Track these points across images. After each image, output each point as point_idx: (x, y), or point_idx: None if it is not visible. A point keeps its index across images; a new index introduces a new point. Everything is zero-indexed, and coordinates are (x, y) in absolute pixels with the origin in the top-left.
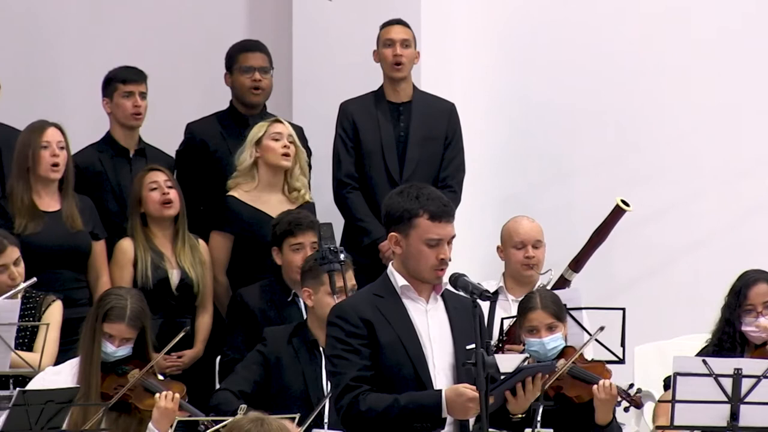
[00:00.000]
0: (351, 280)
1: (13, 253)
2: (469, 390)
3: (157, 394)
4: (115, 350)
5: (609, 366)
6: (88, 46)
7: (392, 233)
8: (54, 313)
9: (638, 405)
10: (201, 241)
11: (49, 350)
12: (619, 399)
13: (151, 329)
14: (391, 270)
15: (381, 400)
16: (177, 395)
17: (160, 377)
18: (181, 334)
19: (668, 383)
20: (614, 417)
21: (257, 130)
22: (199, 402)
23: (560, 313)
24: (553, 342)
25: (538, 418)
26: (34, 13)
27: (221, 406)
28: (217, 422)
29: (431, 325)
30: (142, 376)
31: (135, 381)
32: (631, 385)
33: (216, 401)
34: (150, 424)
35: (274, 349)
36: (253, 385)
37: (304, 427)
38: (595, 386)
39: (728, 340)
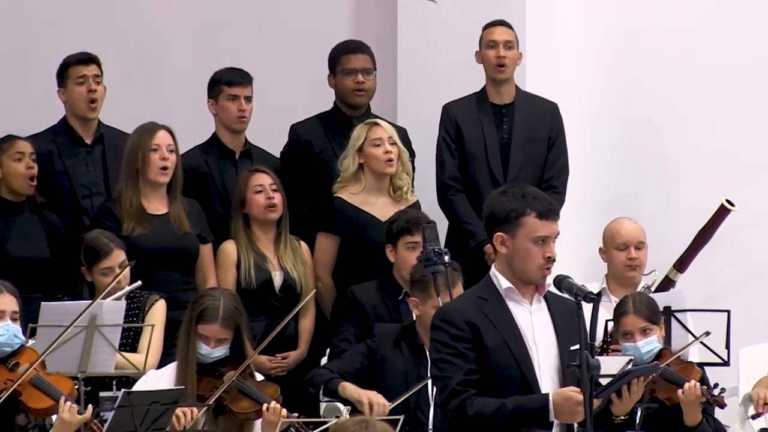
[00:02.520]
0: (461, 291)
1: (119, 256)
2: (576, 394)
3: (264, 406)
4: (210, 351)
5: (713, 368)
6: (192, 46)
7: (498, 233)
8: (158, 312)
9: (721, 405)
10: (303, 243)
11: (153, 350)
12: (704, 399)
13: (247, 330)
14: (494, 272)
15: (488, 405)
16: (284, 411)
17: (259, 377)
18: (274, 333)
19: None
20: (704, 418)
21: (357, 136)
22: (301, 403)
23: (654, 316)
24: (647, 345)
25: (637, 420)
26: (140, 13)
27: (313, 379)
28: (309, 425)
29: (536, 327)
30: (237, 377)
31: (230, 381)
32: (716, 385)
33: (311, 375)
34: None
35: (382, 347)
36: (354, 374)
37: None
38: (680, 389)
39: None
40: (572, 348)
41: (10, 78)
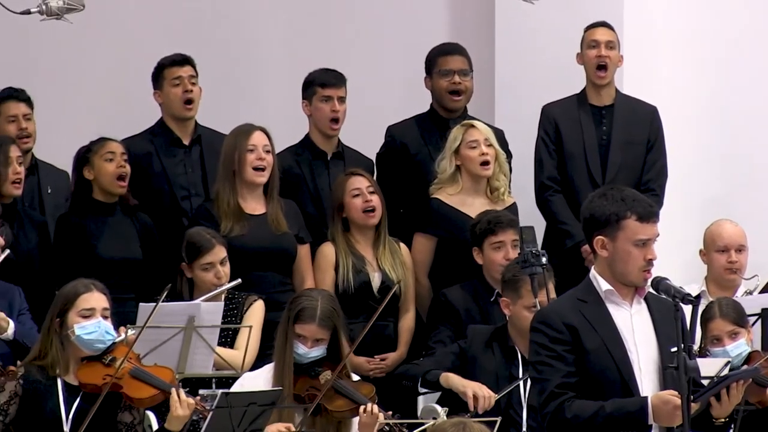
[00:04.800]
0: (552, 293)
1: (221, 252)
2: (674, 398)
3: (362, 408)
4: (307, 351)
5: None
6: (288, 48)
7: (599, 237)
8: (256, 312)
9: None
10: (402, 245)
11: (251, 350)
12: None
13: (344, 330)
14: (594, 274)
15: (586, 407)
16: (381, 415)
17: (355, 377)
18: (363, 332)
19: None
20: None
21: (454, 138)
22: (400, 403)
23: (741, 319)
24: (736, 349)
25: (737, 423)
26: (235, 14)
27: (408, 372)
28: (403, 425)
29: (636, 329)
30: (335, 377)
31: (328, 384)
32: None
33: (403, 369)
34: None
35: (473, 349)
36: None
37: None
38: None
39: None
40: (672, 349)
41: (106, 81)
